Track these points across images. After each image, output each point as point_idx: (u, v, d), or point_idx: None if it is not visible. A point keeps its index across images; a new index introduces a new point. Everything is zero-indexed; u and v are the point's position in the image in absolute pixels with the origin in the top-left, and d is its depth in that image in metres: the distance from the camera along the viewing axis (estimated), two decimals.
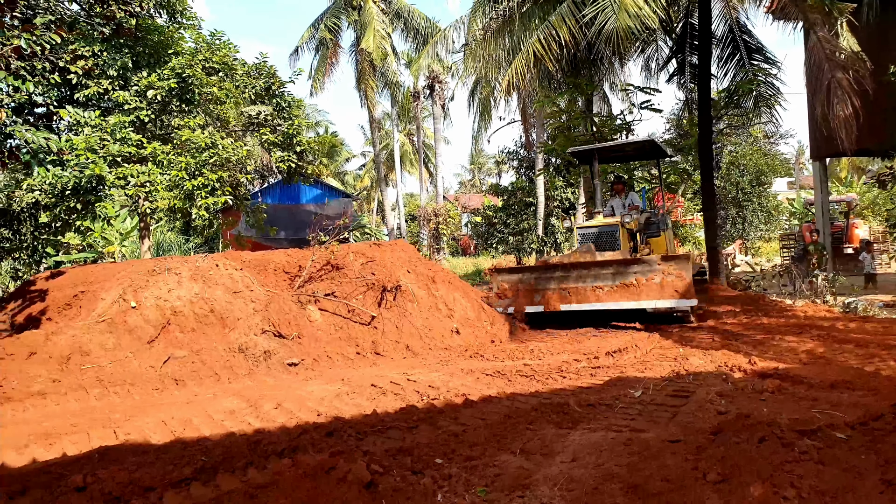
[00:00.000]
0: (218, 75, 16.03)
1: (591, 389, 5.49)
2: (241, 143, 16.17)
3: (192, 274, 7.77)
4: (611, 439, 3.72)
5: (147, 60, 15.19)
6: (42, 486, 3.57)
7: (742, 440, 3.32)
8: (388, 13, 30.75)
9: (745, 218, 27.61)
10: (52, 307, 7.67)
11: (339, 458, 3.01)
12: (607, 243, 10.59)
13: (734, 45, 14.79)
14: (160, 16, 15.85)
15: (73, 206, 14.37)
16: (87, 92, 14.20)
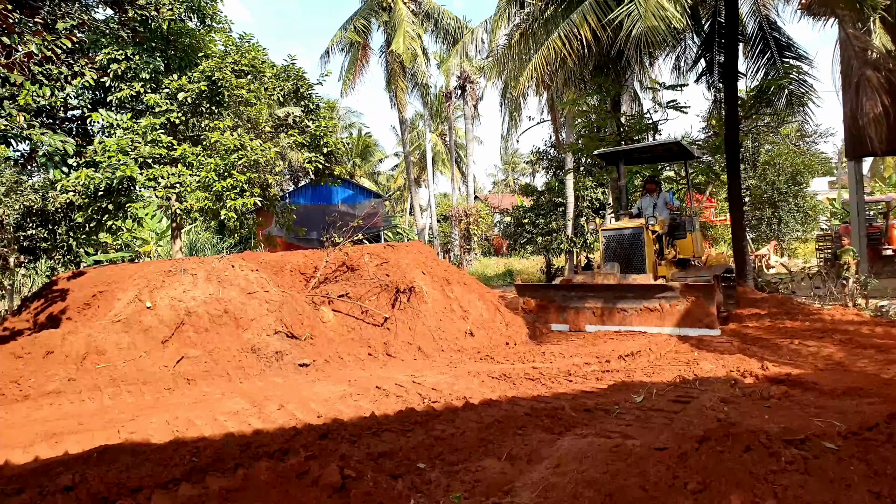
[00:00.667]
0: (247, 77, 16.24)
1: (594, 394, 5.43)
2: (270, 144, 16.37)
3: (207, 275, 7.89)
4: (597, 446, 3.66)
5: (178, 64, 15.49)
6: (37, 486, 3.66)
7: (725, 449, 3.25)
8: (417, 14, 30.84)
9: (781, 218, 26.97)
10: (72, 307, 7.87)
11: (312, 462, 3.02)
12: (632, 245, 10.40)
13: (764, 42, 14.44)
14: (191, 20, 16.12)
15: (105, 207, 14.74)
16: (120, 95, 14.55)
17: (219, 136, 14.61)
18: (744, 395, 5.25)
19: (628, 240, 10.44)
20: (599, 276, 10.25)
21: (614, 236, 10.62)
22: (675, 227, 11.35)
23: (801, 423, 4.07)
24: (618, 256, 10.47)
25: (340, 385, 6.29)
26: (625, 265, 10.31)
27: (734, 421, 3.93)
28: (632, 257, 10.37)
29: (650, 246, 10.38)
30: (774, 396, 5.06)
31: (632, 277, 9.90)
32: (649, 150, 11.89)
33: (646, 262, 10.21)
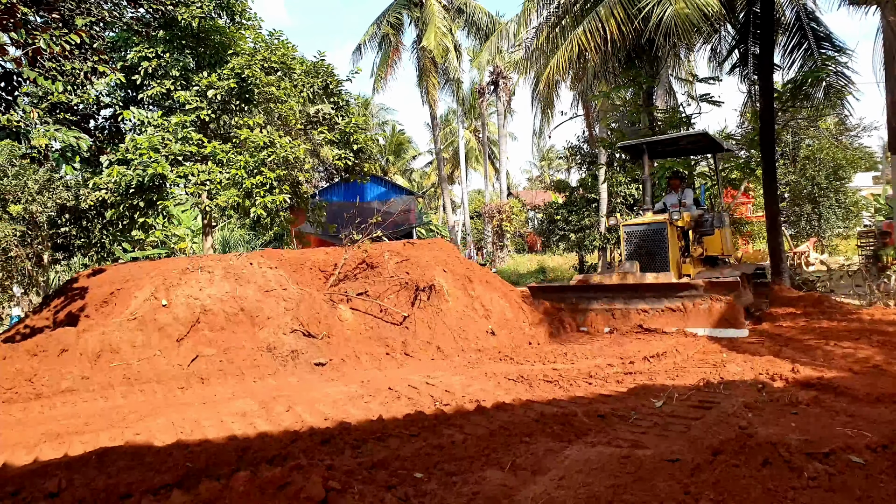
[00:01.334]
0: (276, 74, 16.23)
1: (612, 398, 5.19)
2: (299, 141, 16.36)
3: (224, 272, 7.83)
4: (606, 456, 3.45)
5: (209, 61, 15.55)
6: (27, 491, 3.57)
7: (741, 462, 3.01)
8: (449, 9, 30.62)
9: (821, 214, 26.17)
10: (90, 304, 7.88)
11: (296, 472, 2.86)
12: (655, 242, 9.81)
13: (801, 33, 13.91)
14: (220, 17, 16.18)
15: (137, 204, 14.87)
16: (151, 92, 14.68)
17: (248, 133, 14.62)
18: (771, 400, 4.95)
19: (651, 236, 9.91)
20: (618, 274, 9.76)
21: (636, 232, 10.09)
22: (703, 223, 10.75)
23: (828, 432, 3.78)
24: (639, 253, 9.97)
25: (353, 385, 6.15)
26: (647, 262, 9.81)
27: (752, 431, 3.66)
28: (654, 254, 9.83)
29: (674, 242, 9.84)
30: (803, 402, 4.76)
31: (652, 276, 9.42)
32: (675, 142, 11.28)
33: (669, 259, 9.65)
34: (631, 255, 10.02)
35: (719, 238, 10.91)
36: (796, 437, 3.45)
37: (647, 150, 10.97)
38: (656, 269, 9.69)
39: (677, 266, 9.75)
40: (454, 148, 50.38)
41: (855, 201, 27.84)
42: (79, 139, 6.43)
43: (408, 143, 57.93)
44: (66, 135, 6.32)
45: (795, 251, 23.16)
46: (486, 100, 39.11)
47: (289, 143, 15.42)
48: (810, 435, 3.74)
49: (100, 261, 17.59)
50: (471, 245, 40.59)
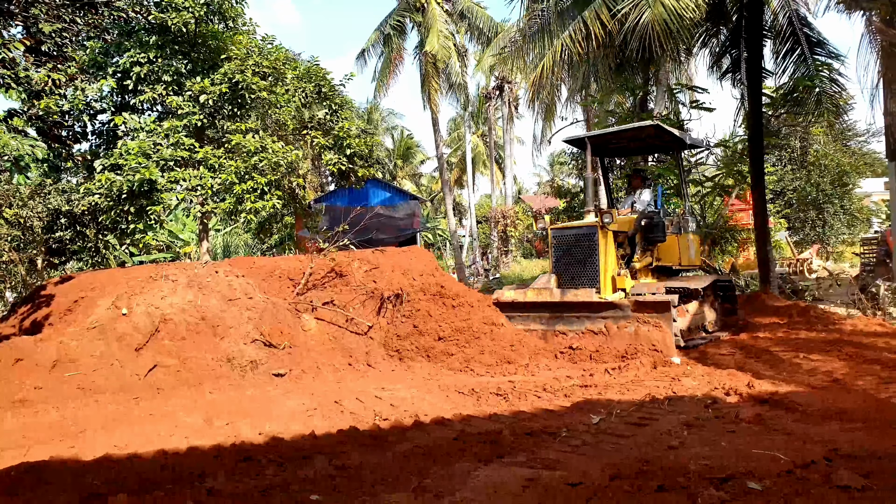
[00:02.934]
0: (269, 79, 16.21)
1: (553, 413, 5.09)
2: (291, 146, 16.35)
3: (188, 281, 7.79)
4: (513, 478, 3.35)
5: (202, 66, 15.57)
6: None
7: (635, 488, 2.90)
8: (452, 14, 30.60)
9: (826, 221, 25.84)
10: (55, 312, 7.87)
11: (167, 497, 2.79)
12: (585, 249, 8.75)
13: (794, 38, 13.71)
14: (214, 22, 16.18)
15: (127, 210, 14.91)
16: (143, 98, 14.73)
17: (240, 138, 14.61)
18: (716, 417, 4.84)
19: (579, 242, 8.83)
20: (533, 290, 8.72)
21: (565, 237, 9.00)
22: (651, 228, 9.37)
23: (747, 453, 3.65)
24: (568, 262, 8.93)
25: (302, 398, 6.08)
26: (576, 273, 8.81)
27: (646, 458, 3.55)
28: (584, 264, 8.78)
29: (607, 250, 8.73)
30: (745, 420, 4.64)
31: (572, 293, 8.33)
32: (626, 137, 10.16)
33: (599, 269, 8.60)
34: (559, 265, 9.05)
35: (677, 245, 9.70)
36: (702, 461, 3.34)
37: (590, 146, 9.83)
38: (585, 281, 8.70)
39: (610, 278, 8.75)
40: (462, 153, 50.31)
41: (860, 207, 27.49)
42: (34, 147, 6.42)
43: (416, 147, 57.94)
44: (20, 143, 6.31)
45: (798, 258, 22.89)
46: (492, 104, 39.07)
47: (281, 149, 15.40)
48: (731, 456, 3.62)
49: (94, 265, 17.70)
50: (476, 250, 40.51)
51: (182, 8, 14.20)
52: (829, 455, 3.43)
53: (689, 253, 9.88)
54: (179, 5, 14.14)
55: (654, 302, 7.77)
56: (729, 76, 14.90)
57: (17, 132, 6.39)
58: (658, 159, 16.21)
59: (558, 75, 14.35)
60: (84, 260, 17.86)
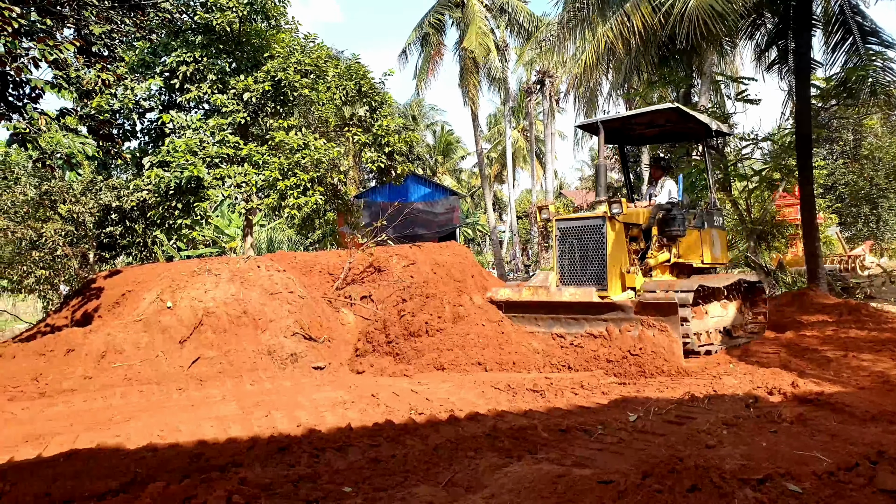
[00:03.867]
0: (310, 77, 16.40)
1: (588, 411, 5.04)
2: (333, 144, 16.53)
3: (231, 275, 7.95)
4: (543, 475, 3.33)
5: (245, 65, 15.84)
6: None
7: (665, 487, 2.86)
8: (491, 9, 30.50)
9: (880, 216, 25.03)
10: (104, 305, 8.11)
11: (202, 486, 2.86)
12: (592, 243, 8.05)
13: (845, 28, 13.28)
14: (257, 21, 16.42)
15: (175, 206, 15.27)
16: (189, 96, 15.07)
17: (283, 135, 14.84)
18: (757, 416, 4.73)
19: (585, 234, 8.11)
20: (529, 288, 8.10)
21: (570, 230, 8.26)
22: (669, 222, 8.58)
23: (787, 454, 3.57)
24: (573, 257, 8.25)
25: (340, 391, 6.15)
26: (581, 269, 8.15)
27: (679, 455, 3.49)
28: (590, 259, 8.09)
29: (617, 244, 8.04)
30: (787, 420, 4.53)
31: (570, 291, 7.68)
32: (645, 122, 9.34)
33: (606, 265, 7.90)
34: (563, 260, 8.37)
35: (698, 241, 8.91)
36: (739, 461, 3.27)
37: (603, 131, 9.04)
38: (590, 278, 8.04)
39: (620, 275, 8.06)
40: (502, 148, 50.12)
41: None
42: (84, 144, 6.62)
43: (456, 143, 57.94)
44: (72, 141, 6.52)
45: (850, 254, 22.21)
46: (533, 99, 38.85)
47: (323, 146, 15.60)
48: (770, 456, 3.55)
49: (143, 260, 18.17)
50: (516, 245, 40.37)
51: (226, 8, 14.47)
52: (873, 457, 3.33)
53: (713, 249, 9.15)
54: (224, 5, 14.41)
55: (659, 303, 7.00)
56: (776, 68, 14.53)
57: (70, 130, 6.59)
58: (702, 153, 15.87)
59: (600, 69, 14.19)
60: (133, 254, 18.32)
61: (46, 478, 3.71)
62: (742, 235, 16.31)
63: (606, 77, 19.08)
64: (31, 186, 16.57)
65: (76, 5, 6.91)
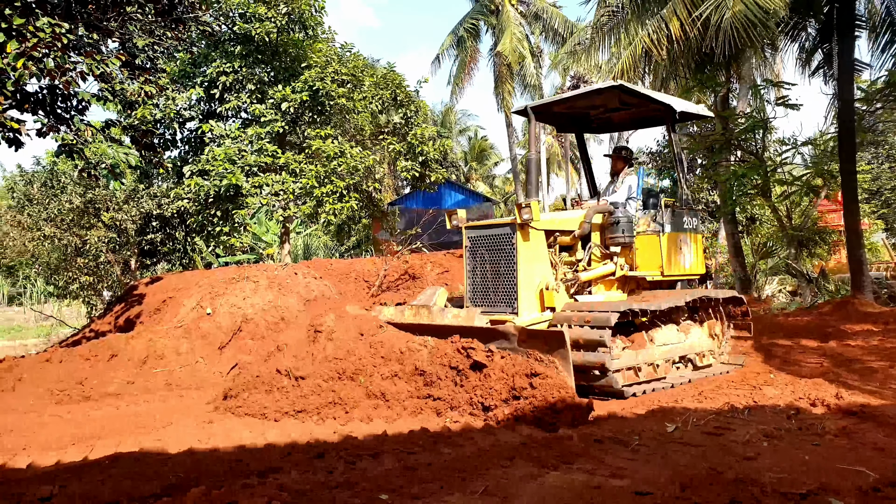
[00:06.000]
0: (347, 87, 16.57)
1: (624, 421, 5.01)
2: (368, 152, 16.71)
3: (269, 282, 8.08)
4: (578, 485, 3.32)
5: (283, 75, 16.09)
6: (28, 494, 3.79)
7: (704, 500, 2.83)
8: (526, 15, 30.55)
9: None
10: (145, 311, 8.32)
11: (242, 491, 2.92)
12: (501, 255, 6.74)
13: (892, 29, 12.99)
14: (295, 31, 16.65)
15: (214, 213, 15.57)
16: (228, 106, 15.38)
17: (320, 143, 15.03)
18: (798, 428, 4.64)
19: (494, 246, 6.83)
20: (412, 308, 6.94)
21: (480, 240, 6.97)
22: (612, 227, 7.37)
23: (831, 469, 3.50)
24: (482, 273, 6.95)
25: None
26: (489, 287, 6.87)
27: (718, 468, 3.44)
28: (499, 274, 6.75)
29: (533, 256, 6.72)
30: (830, 432, 4.44)
31: (453, 313, 6.51)
32: (586, 105, 8.20)
33: (517, 281, 6.56)
34: (474, 276, 7.02)
35: (656, 249, 7.47)
36: (780, 474, 3.21)
37: (533, 116, 7.88)
38: (501, 298, 6.75)
39: (538, 294, 6.72)
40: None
41: None
42: (128, 154, 6.80)
43: (490, 149, 57.86)
44: (116, 151, 6.70)
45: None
46: None
47: (359, 153, 15.77)
48: (813, 470, 3.48)
49: (183, 266, 18.56)
50: None
51: (265, 18, 14.71)
52: None
53: (680, 258, 7.68)
54: (262, 15, 14.66)
55: (545, 333, 5.79)
56: (820, 72, 14.26)
57: (114, 141, 6.79)
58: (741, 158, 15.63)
59: (637, 74, 14.10)
60: (173, 261, 18.75)
61: (92, 480, 3.81)
62: (782, 242, 16.01)
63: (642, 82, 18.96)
64: (76, 195, 17.06)
65: (121, 20, 7.09)
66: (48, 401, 6.56)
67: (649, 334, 6.79)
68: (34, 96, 6.89)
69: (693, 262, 7.92)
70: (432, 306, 6.85)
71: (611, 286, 7.49)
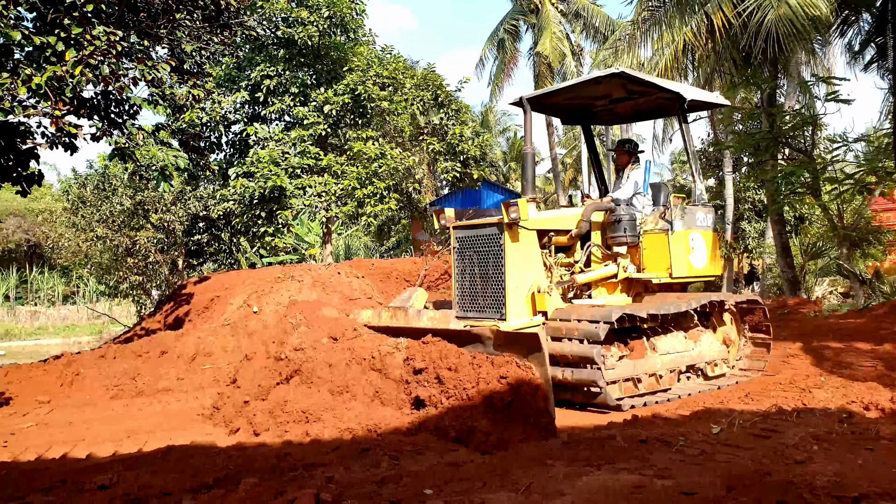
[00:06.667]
0: (388, 89, 16.71)
1: (669, 422, 4.96)
2: (408, 153, 16.85)
3: (313, 282, 8.22)
4: (623, 483, 3.31)
5: (325, 77, 16.32)
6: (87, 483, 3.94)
7: (752, 500, 2.80)
8: (566, 14, 30.38)
9: None
10: (194, 310, 8.53)
11: (292, 483, 2.99)
12: (489, 257, 6.37)
13: None
14: (336, 35, 16.84)
15: (258, 214, 15.86)
16: (272, 109, 15.67)
17: (361, 145, 15.20)
18: (851, 432, 4.53)
19: (482, 247, 6.47)
20: (388, 310, 6.64)
21: (468, 240, 6.63)
22: (613, 226, 6.93)
23: (885, 474, 3.42)
24: (470, 275, 6.61)
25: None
26: (477, 291, 6.53)
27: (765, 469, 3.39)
28: (488, 277, 6.39)
29: (524, 258, 6.34)
30: (885, 437, 4.32)
31: (429, 315, 6.18)
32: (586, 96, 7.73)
33: (505, 283, 6.19)
34: (462, 278, 6.70)
35: (665, 248, 6.99)
36: (831, 477, 3.15)
37: (528, 108, 7.48)
38: (490, 303, 6.38)
39: (529, 298, 6.32)
40: (577, 152, 49.59)
41: None
42: (178, 157, 7.00)
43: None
44: (166, 154, 6.90)
45: None
46: None
47: (399, 155, 15.92)
48: (866, 474, 3.41)
49: (229, 266, 18.96)
50: None
51: (307, 22, 14.92)
52: None
53: (692, 258, 7.14)
54: (305, 20, 14.86)
55: (519, 335, 5.23)
56: (874, 65, 13.88)
57: (163, 144, 6.99)
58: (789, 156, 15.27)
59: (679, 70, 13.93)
60: (219, 261, 19.18)
61: (147, 471, 3.94)
62: (833, 242, 15.60)
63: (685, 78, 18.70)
64: (126, 197, 17.55)
65: (171, 27, 7.30)
66: (104, 395, 6.80)
67: (651, 342, 6.39)
68: (89, 102, 7.15)
69: (707, 263, 7.38)
70: (409, 308, 6.55)
71: (613, 289, 7.06)
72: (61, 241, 19.16)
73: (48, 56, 6.05)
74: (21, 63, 6.15)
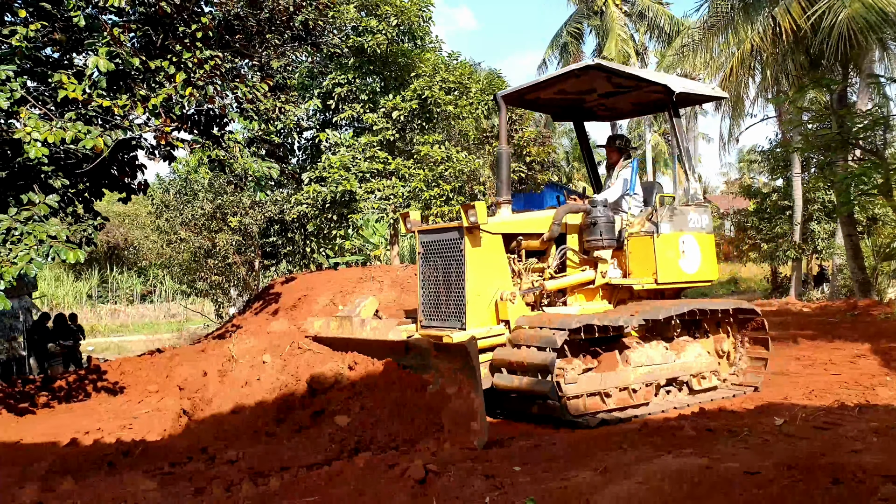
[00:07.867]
0: (454, 94, 17.20)
1: (735, 414, 5.28)
2: (474, 156, 17.34)
3: (392, 282, 8.77)
4: (691, 465, 3.68)
5: (393, 84, 16.93)
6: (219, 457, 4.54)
7: (809, 479, 3.13)
8: (631, 15, 30.32)
9: None
10: (282, 307, 9.19)
11: (403, 456, 3.48)
12: (451, 262, 6.11)
13: None
14: (403, 41, 17.39)
15: (331, 217, 16.59)
16: (343, 115, 16.37)
17: (428, 149, 15.74)
18: None
19: (444, 252, 6.21)
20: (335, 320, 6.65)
21: (432, 245, 6.40)
22: (589, 229, 6.51)
23: None
24: (434, 281, 6.36)
25: None
26: (444, 297, 6.22)
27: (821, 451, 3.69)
28: (450, 283, 6.13)
29: (486, 263, 6.02)
30: None
31: (372, 325, 6.19)
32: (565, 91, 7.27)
33: (465, 290, 5.90)
34: (427, 285, 6.45)
35: (649, 252, 6.54)
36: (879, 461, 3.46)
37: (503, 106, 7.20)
38: (450, 310, 6.12)
39: (492, 306, 6.03)
40: (641, 152, 49.17)
41: None
42: (270, 168, 7.64)
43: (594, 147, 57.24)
44: (260, 165, 7.55)
45: None
46: None
47: (464, 158, 16.41)
48: None
49: (302, 267, 19.84)
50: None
51: (376, 31, 15.51)
52: None
53: (682, 263, 6.69)
54: (374, 28, 15.46)
55: (450, 346, 5.12)
56: None
57: (256, 155, 7.63)
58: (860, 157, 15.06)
59: (746, 72, 13.98)
60: (293, 262, 20.08)
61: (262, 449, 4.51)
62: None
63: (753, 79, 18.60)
64: (207, 201, 18.56)
65: (264, 46, 7.95)
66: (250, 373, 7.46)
67: (624, 354, 5.98)
68: (190, 118, 7.87)
69: (700, 267, 6.85)
70: (354, 318, 6.46)
71: (592, 296, 6.68)
72: (146, 242, 20.34)
73: (159, 79, 6.76)
74: (136, 85, 6.88)
